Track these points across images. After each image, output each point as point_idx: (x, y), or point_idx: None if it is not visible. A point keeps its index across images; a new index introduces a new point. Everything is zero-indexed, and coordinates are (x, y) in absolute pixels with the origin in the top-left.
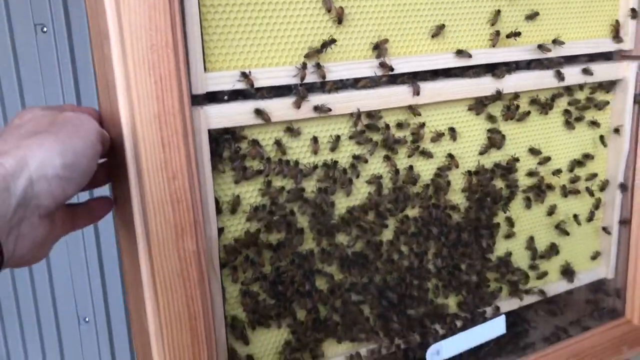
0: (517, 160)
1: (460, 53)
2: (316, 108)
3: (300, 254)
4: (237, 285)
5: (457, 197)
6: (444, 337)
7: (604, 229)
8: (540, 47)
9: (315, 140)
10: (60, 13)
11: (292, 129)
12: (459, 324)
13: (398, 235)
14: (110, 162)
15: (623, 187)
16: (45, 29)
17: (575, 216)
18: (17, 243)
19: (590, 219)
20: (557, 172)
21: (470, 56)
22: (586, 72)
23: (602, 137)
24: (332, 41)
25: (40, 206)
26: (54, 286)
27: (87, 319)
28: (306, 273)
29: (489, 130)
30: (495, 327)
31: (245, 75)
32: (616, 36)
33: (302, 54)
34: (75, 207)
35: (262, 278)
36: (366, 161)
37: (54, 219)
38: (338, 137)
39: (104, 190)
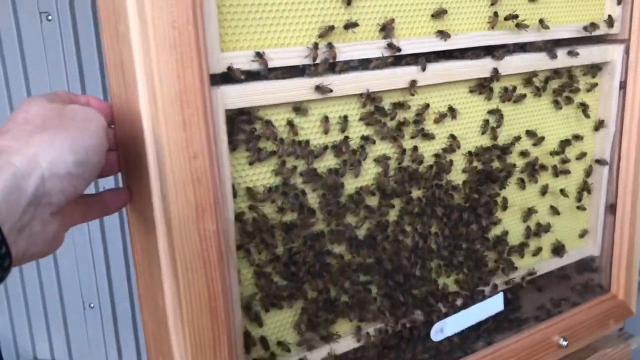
0: (518, 138)
1: (440, 33)
2: (317, 88)
3: (312, 235)
4: (252, 267)
5: (458, 177)
6: (446, 315)
7: (579, 207)
8: (518, 25)
9: (326, 119)
10: (65, 1)
11: (299, 108)
12: (459, 302)
13: (403, 216)
14: (122, 150)
15: (600, 162)
16: (50, 17)
17: (562, 190)
18: (29, 242)
19: (579, 199)
20: (555, 153)
21: (449, 36)
22: (571, 54)
23: (584, 110)
24: (355, 24)
25: (52, 204)
26: (60, 272)
27: (92, 305)
28: (317, 254)
29: (489, 112)
30: (494, 305)
31: (259, 55)
32: (592, 23)
33: (312, 34)
34: (86, 198)
35: (275, 259)
36: (374, 142)
37: (63, 213)
38: (346, 118)
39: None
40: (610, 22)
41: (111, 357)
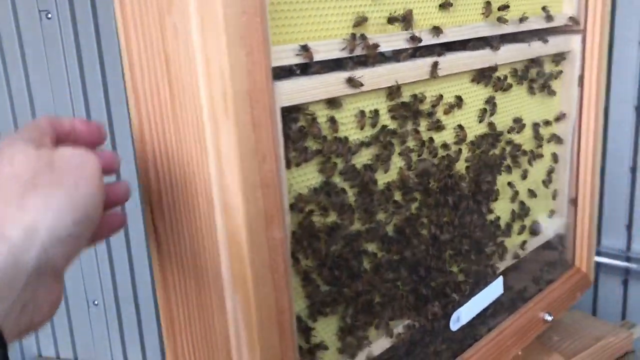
0: (514, 128)
1: (435, 29)
2: (350, 80)
3: (351, 235)
4: (299, 275)
5: (462, 166)
6: (459, 304)
7: (544, 182)
8: (499, 19)
9: (362, 114)
10: None
11: (334, 103)
12: (468, 290)
13: (422, 208)
14: (152, 163)
15: (558, 139)
16: (49, 15)
17: (530, 161)
18: (33, 313)
19: (549, 181)
20: (539, 138)
21: (442, 32)
22: (542, 40)
23: (548, 88)
24: (396, 19)
25: (55, 269)
26: None
27: (96, 302)
28: (356, 254)
29: (485, 101)
30: (495, 289)
31: (305, 49)
32: (549, 14)
33: (345, 26)
34: None
35: (321, 264)
36: (403, 136)
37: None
38: (377, 112)
39: None
40: (573, 18)
41: (116, 353)
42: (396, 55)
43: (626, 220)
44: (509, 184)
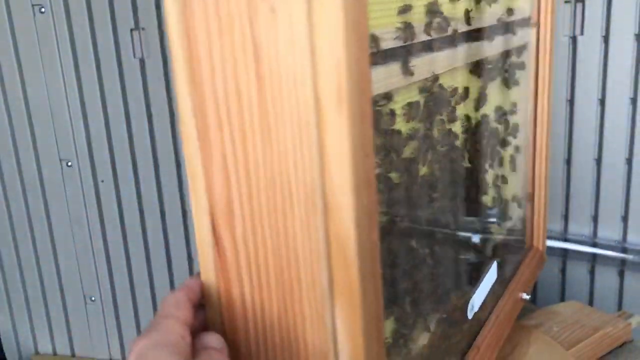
0: (502, 117)
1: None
2: (405, 63)
3: (402, 231)
4: None
5: (466, 156)
6: (471, 292)
7: (511, 166)
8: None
9: (410, 106)
10: None
11: (389, 96)
12: (475, 277)
13: (445, 200)
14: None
15: (517, 127)
16: (43, 10)
17: (501, 147)
18: None
19: (513, 169)
20: (508, 127)
21: (449, 24)
22: (511, 32)
23: (506, 80)
24: (439, 12)
25: None
26: (60, 266)
27: (93, 298)
28: (407, 252)
29: (479, 92)
30: (492, 274)
31: (373, 38)
32: (509, 8)
33: (387, 14)
34: None
35: (384, 265)
36: (432, 127)
37: None
38: (418, 103)
39: None
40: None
41: (113, 350)
42: (430, 46)
43: (622, 212)
44: (491, 169)
